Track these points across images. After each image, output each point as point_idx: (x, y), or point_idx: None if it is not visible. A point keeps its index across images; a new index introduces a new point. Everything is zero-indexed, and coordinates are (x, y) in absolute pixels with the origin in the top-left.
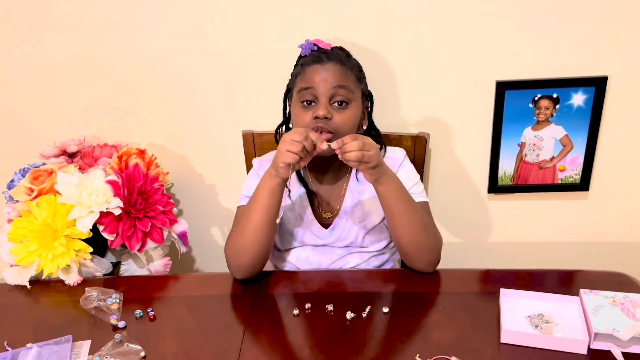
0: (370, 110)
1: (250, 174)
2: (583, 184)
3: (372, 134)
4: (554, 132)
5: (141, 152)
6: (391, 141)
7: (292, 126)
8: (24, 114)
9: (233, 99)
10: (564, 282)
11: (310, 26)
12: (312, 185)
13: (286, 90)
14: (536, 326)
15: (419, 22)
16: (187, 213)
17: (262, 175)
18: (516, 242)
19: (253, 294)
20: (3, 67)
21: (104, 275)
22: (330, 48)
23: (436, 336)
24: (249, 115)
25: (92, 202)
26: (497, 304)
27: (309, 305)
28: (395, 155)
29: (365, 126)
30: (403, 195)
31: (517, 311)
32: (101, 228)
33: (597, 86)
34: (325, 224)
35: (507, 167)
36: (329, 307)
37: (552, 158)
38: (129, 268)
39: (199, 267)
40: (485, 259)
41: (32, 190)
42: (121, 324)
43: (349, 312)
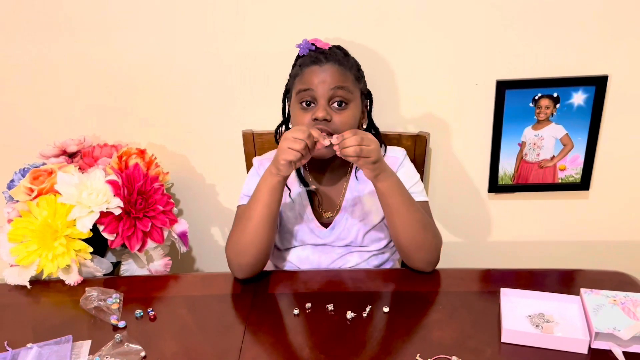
0: (370, 109)
1: (250, 173)
2: (583, 183)
3: (372, 133)
4: (554, 132)
5: (141, 152)
6: (391, 141)
7: (291, 126)
8: (24, 113)
9: (233, 98)
10: (564, 281)
11: (310, 26)
12: (312, 184)
13: (285, 91)
14: (537, 326)
15: (419, 21)
16: (187, 213)
17: (262, 174)
18: (517, 242)
19: (253, 294)
20: (3, 67)
21: (104, 275)
22: (328, 48)
23: (437, 336)
24: (249, 114)
25: (92, 202)
26: (498, 304)
27: (309, 305)
28: (395, 154)
29: (365, 125)
30: (402, 193)
31: (518, 311)
32: (101, 228)
33: (598, 85)
34: (325, 223)
35: (507, 166)
36: (329, 307)
37: (553, 157)
38: (129, 268)
39: (199, 267)
40: (486, 259)
41: (32, 190)
42: (121, 324)
43: (349, 311)
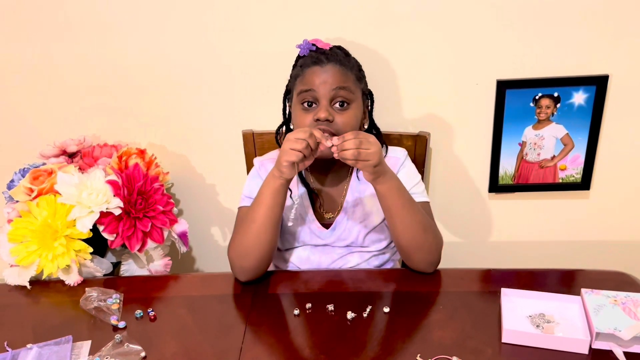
0: (371, 109)
1: (251, 174)
2: (584, 183)
3: (373, 133)
4: (554, 131)
5: (141, 152)
6: (392, 140)
7: (292, 127)
8: (24, 113)
9: (233, 98)
10: (565, 281)
11: (311, 26)
12: (313, 184)
13: (285, 91)
14: (537, 326)
15: (420, 21)
16: (187, 213)
17: (262, 175)
18: (517, 242)
19: (253, 294)
20: (3, 67)
21: (104, 275)
22: (329, 48)
23: (437, 336)
24: (249, 114)
25: (92, 202)
26: (498, 304)
27: (309, 305)
28: (396, 155)
29: (367, 125)
30: (403, 195)
31: (518, 311)
32: (101, 228)
33: (598, 85)
34: (326, 223)
35: (507, 166)
36: (329, 307)
37: (553, 157)
38: (129, 268)
39: (199, 267)
40: (486, 259)
41: (32, 191)
42: (121, 324)
43: (349, 312)
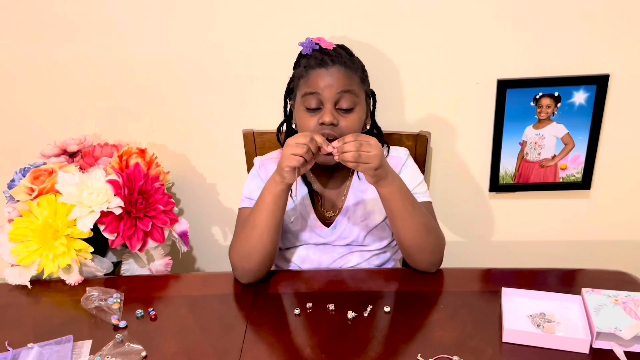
0: (373, 108)
1: (251, 174)
2: (585, 182)
3: (374, 133)
4: (555, 131)
5: (142, 152)
6: (392, 140)
7: (294, 125)
8: (25, 113)
9: (233, 98)
10: (565, 281)
11: (311, 25)
12: (315, 184)
13: (288, 89)
14: (538, 325)
15: (420, 20)
16: (188, 212)
17: (262, 174)
18: (518, 241)
19: (254, 294)
20: (3, 66)
21: (105, 274)
22: (332, 48)
23: (438, 335)
24: (250, 114)
25: (92, 202)
26: (499, 303)
27: (310, 305)
28: (398, 154)
29: (369, 125)
30: (406, 197)
31: (519, 310)
32: (102, 227)
33: (599, 84)
34: (326, 222)
35: (508, 165)
36: (330, 307)
37: (554, 156)
38: (130, 267)
39: (200, 267)
40: (487, 258)
41: (32, 190)
42: (122, 324)
43: (350, 311)
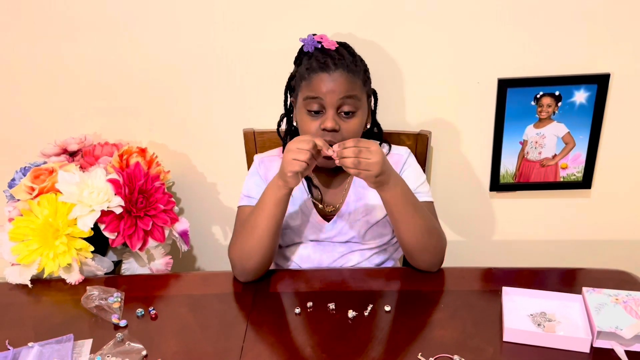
0: (374, 107)
1: (250, 171)
2: (585, 181)
3: (375, 132)
4: (556, 130)
5: (142, 151)
6: (392, 139)
7: (295, 122)
8: (25, 112)
9: (234, 97)
10: (566, 280)
11: (312, 25)
12: (315, 179)
13: (288, 86)
14: (539, 324)
15: (421, 20)
16: (188, 212)
17: (261, 172)
18: (518, 241)
19: (254, 293)
20: (4, 66)
21: (105, 274)
22: (335, 48)
23: (438, 335)
24: (250, 113)
25: (93, 201)
26: (500, 303)
27: (310, 304)
28: (399, 152)
29: (369, 125)
30: (408, 201)
31: (520, 309)
32: (102, 227)
33: (600, 83)
34: (327, 217)
35: (509, 165)
36: (330, 306)
37: (554, 156)
38: (130, 267)
39: (200, 266)
40: (488, 257)
41: (33, 189)
42: (122, 323)
43: (350, 310)
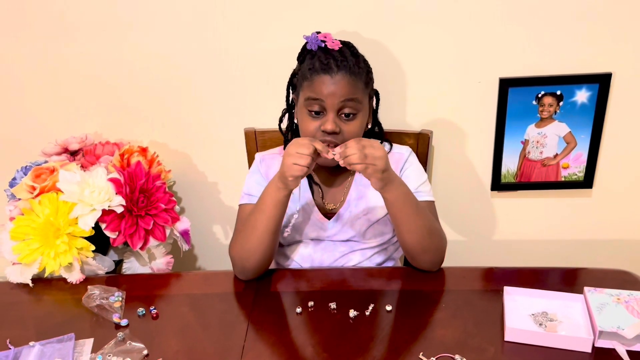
0: (376, 107)
1: (251, 169)
2: (587, 181)
3: (375, 131)
4: (557, 130)
5: (143, 150)
6: (393, 139)
7: (296, 120)
8: (26, 111)
9: (235, 96)
10: (568, 280)
11: (313, 24)
12: (317, 177)
13: (291, 83)
14: (540, 324)
15: (423, 19)
16: (189, 211)
17: (262, 170)
18: (520, 240)
19: (255, 292)
20: (5, 65)
21: (107, 273)
22: (338, 48)
23: (440, 334)
24: (251, 112)
25: (94, 200)
26: (501, 302)
27: (311, 303)
28: (400, 151)
29: (370, 125)
30: (410, 202)
31: (521, 309)
32: (103, 226)
33: (601, 83)
34: (328, 215)
35: (510, 164)
36: (332, 305)
37: (556, 155)
38: (131, 266)
39: (201, 265)
40: (489, 257)
41: (34, 188)
42: (123, 322)
43: (352, 310)
